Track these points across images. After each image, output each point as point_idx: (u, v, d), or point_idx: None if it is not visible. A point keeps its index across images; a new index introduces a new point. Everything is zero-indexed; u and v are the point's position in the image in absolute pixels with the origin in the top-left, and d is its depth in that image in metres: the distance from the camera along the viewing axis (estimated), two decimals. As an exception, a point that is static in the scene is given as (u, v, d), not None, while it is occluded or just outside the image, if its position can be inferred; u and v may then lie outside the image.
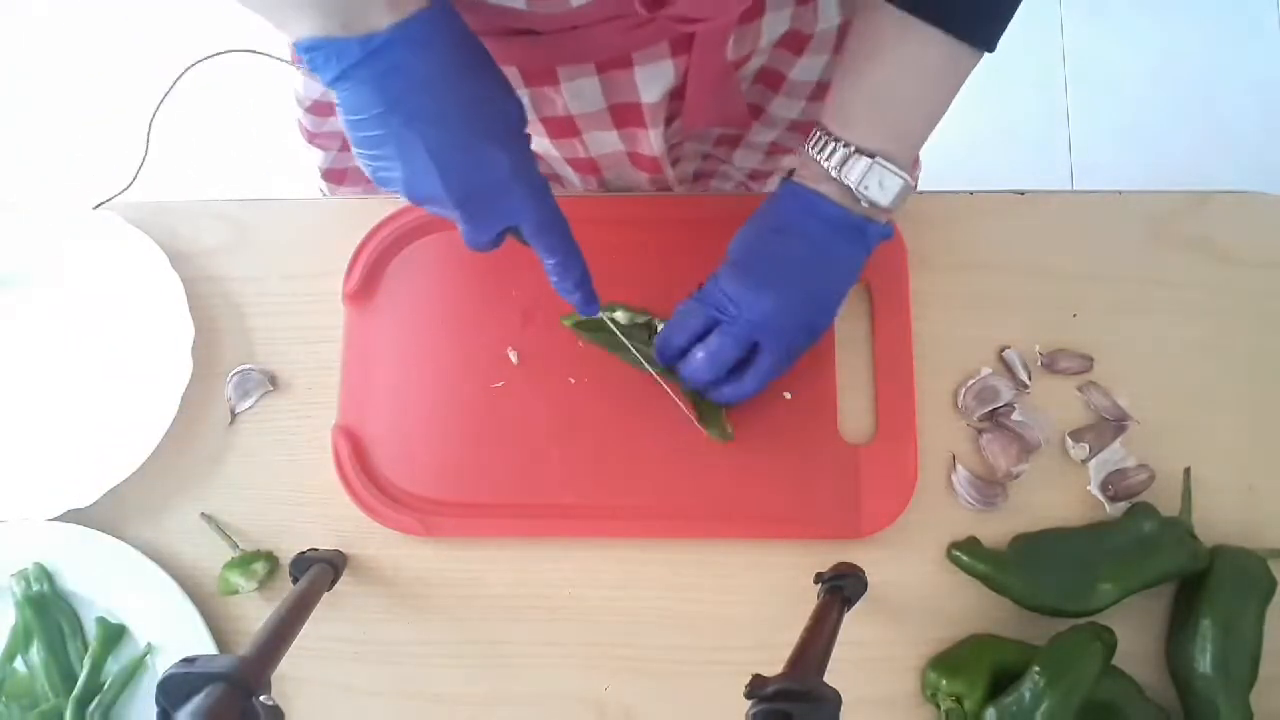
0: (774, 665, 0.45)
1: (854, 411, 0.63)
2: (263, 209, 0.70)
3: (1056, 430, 0.63)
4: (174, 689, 0.43)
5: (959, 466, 0.63)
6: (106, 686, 0.60)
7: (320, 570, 0.58)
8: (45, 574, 0.61)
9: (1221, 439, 0.63)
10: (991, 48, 0.53)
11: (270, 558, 0.62)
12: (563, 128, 0.64)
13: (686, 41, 0.57)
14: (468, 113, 0.47)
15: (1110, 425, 0.63)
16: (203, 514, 0.63)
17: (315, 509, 0.63)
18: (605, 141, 0.66)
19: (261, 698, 0.44)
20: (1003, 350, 0.65)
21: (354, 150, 0.49)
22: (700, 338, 0.59)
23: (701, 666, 0.60)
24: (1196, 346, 0.65)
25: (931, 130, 0.57)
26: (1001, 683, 0.56)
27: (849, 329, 0.65)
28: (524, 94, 0.61)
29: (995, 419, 0.63)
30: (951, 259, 0.66)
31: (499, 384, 0.64)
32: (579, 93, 0.60)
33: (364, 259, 0.66)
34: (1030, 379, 0.64)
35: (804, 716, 0.42)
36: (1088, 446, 0.62)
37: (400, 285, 0.66)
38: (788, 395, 0.63)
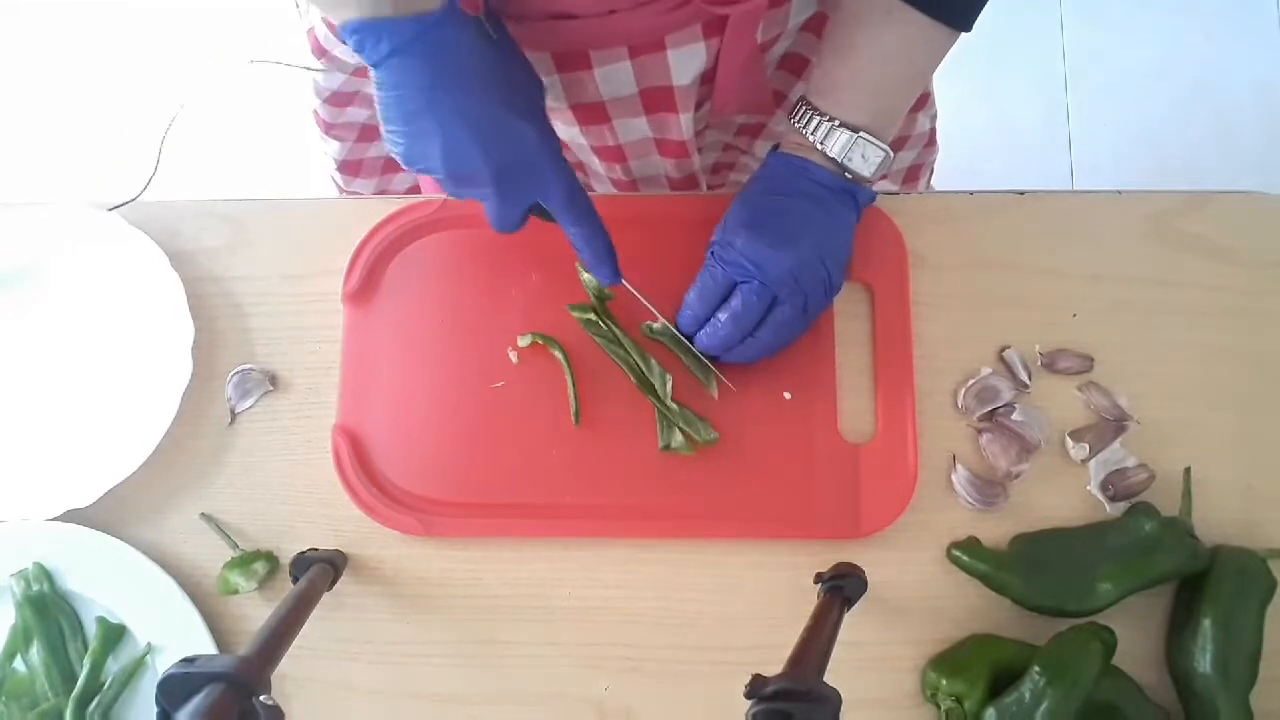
0: (774, 665, 0.45)
1: (854, 411, 0.63)
2: (263, 209, 0.70)
3: (1056, 430, 0.63)
4: (174, 689, 0.43)
5: (959, 466, 0.63)
6: (106, 686, 0.60)
7: (320, 570, 0.58)
8: (45, 574, 0.61)
9: (1221, 439, 0.63)
10: (968, 28, 0.55)
11: (270, 558, 0.62)
12: (593, 114, 0.65)
13: (720, 24, 0.59)
14: (504, 88, 0.51)
15: (1110, 425, 0.63)
16: (203, 514, 0.63)
17: (315, 509, 0.63)
18: (634, 128, 0.67)
19: (261, 698, 0.44)
20: (1003, 350, 0.65)
21: (386, 130, 0.51)
22: (722, 303, 0.60)
23: (701, 666, 0.60)
24: (1196, 346, 0.65)
25: (910, 104, 0.60)
26: (1001, 683, 0.56)
27: (849, 329, 0.65)
28: (555, 80, 0.61)
29: (995, 419, 0.63)
30: (951, 259, 0.66)
31: (499, 384, 0.64)
32: (611, 78, 0.61)
33: (364, 259, 0.66)
34: (1030, 379, 0.64)
35: (804, 716, 0.42)
36: (1088, 446, 0.62)
37: (400, 285, 0.66)
38: (788, 395, 0.63)
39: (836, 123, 0.57)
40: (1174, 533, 0.59)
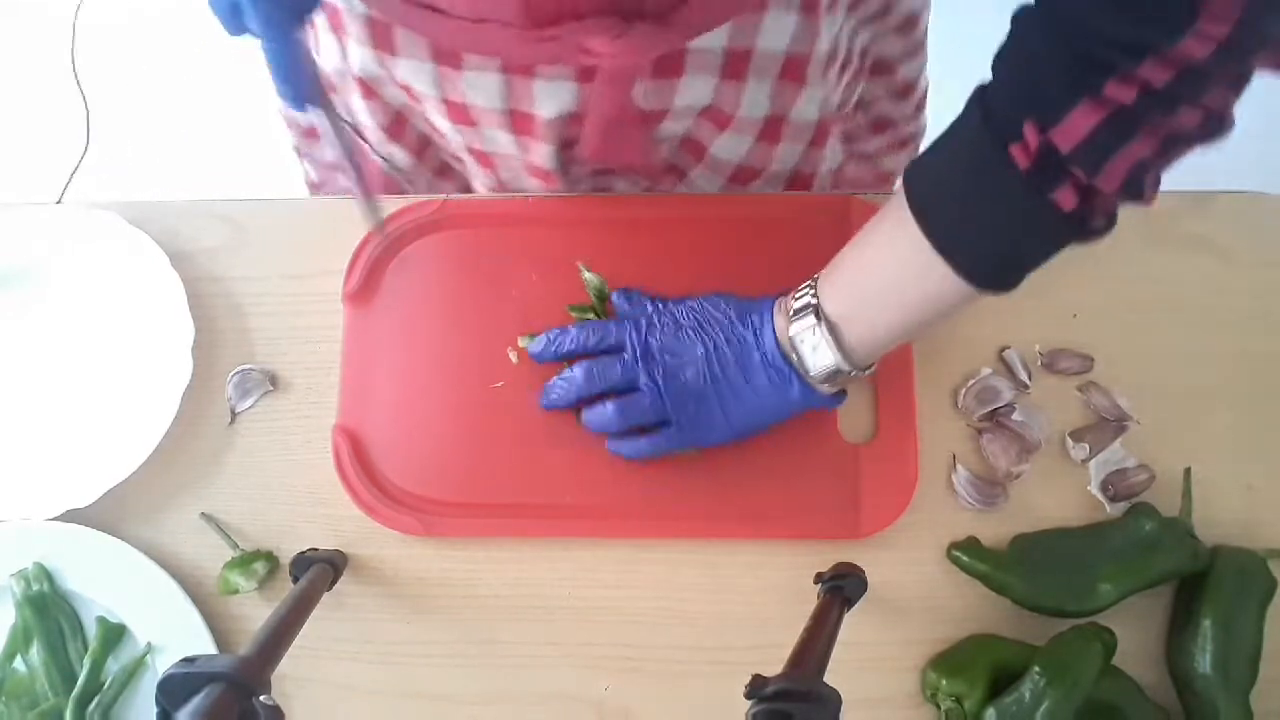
0: (774, 665, 0.45)
1: (854, 411, 0.63)
2: (263, 209, 0.70)
3: (1056, 430, 0.63)
4: (174, 689, 0.43)
5: (959, 466, 0.63)
6: (106, 686, 0.60)
7: (320, 570, 0.58)
8: (45, 574, 0.61)
9: (1221, 439, 0.63)
10: (981, 284, 0.49)
11: (270, 558, 0.62)
12: (460, 114, 0.63)
13: (591, 72, 0.56)
14: None
15: (1110, 425, 0.63)
16: (203, 514, 0.63)
17: (315, 509, 0.63)
18: (500, 141, 0.65)
19: (261, 698, 0.44)
20: (1003, 350, 0.65)
21: None
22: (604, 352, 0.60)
23: (701, 666, 0.60)
24: (1196, 346, 0.65)
25: (900, 332, 0.54)
26: (1001, 683, 0.56)
27: (849, 329, 0.65)
28: (429, 68, 0.60)
29: (995, 419, 0.63)
30: (951, 259, 0.66)
31: (499, 384, 0.64)
32: (479, 85, 0.59)
33: (364, 259, 0.66)
34: (1030, 379, 0.64)
35: (804, 716, 0.42)
36: (1088, 446, 0.62)
37: (400, 285, 0.66)
38: (788, 395, 0.63)
39: (814, 304, 0.54)
40: (1174, 533, 0.59)
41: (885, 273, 0.52)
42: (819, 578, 0.57)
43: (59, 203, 0.70)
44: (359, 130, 0.73)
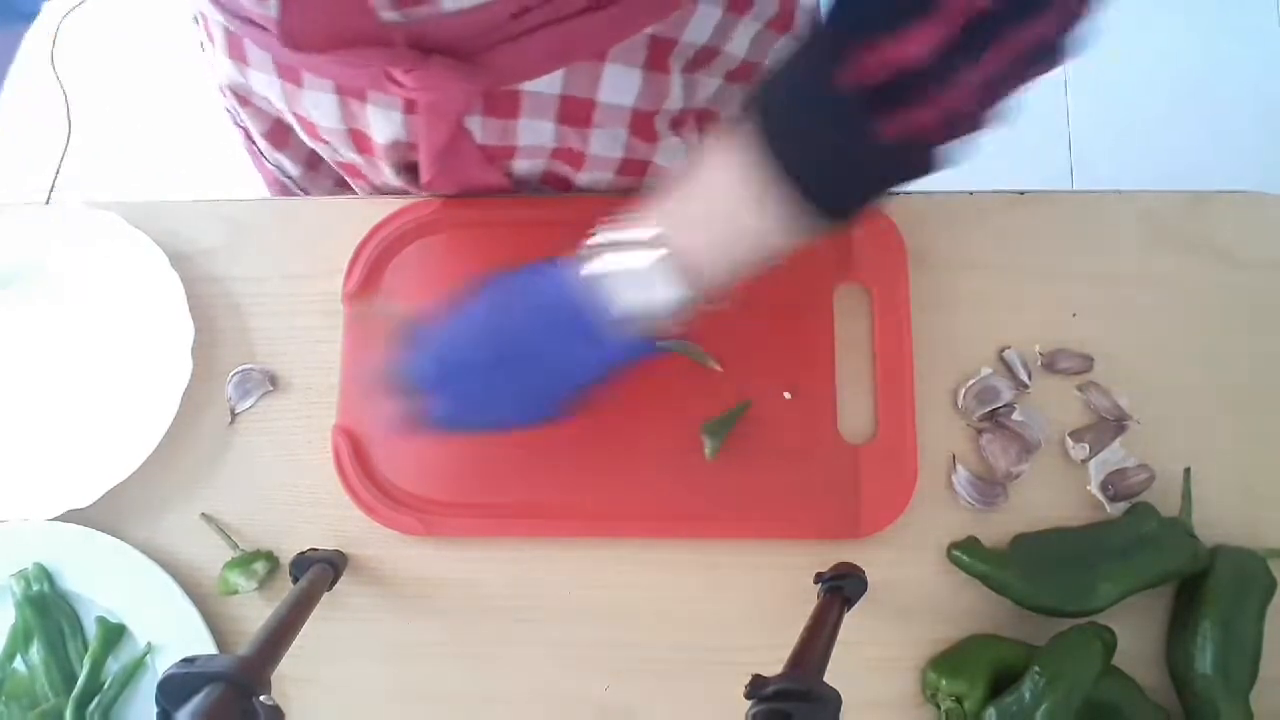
0: (774, 665, 0.45)
1: (854, 411, 0.63)
2: (263, 209, 0.70)
3: (1056, 430, 0.63)
4: (174, 689, 0.43)
5: (959, 466, 0.63)
6: (106, 686, 0.60)
7: (320, 570, 0.58)
8: (45, 574, 0.61)
9: (1221, 439, 0.63)
10: (834, 213, 0.45)
11: (270, 558, 0.62)
12: (311, 131, 0.62)
13: (414, 102, 0.55)
14: None
15: (1110, 425, 0.63)
16: (203, 514, 0.63)
17: (315, 509, 0.63)
18: (355, 158, 0.65)
19: (261, 698, 0.44)
20: (1003, 350, 0.65)
21: None
22: None
23: (701, 666, 0.60)
24: (1196, 346, 0.65)
25: (728, 256, 0.48)
26: (1001, 683, 0.56)
27: (849, 329, 0.65)
28: (278, 83, 0.58)
29: (995, 419, 0.63)
30: (951, 259, 0.66)
31: (499, 384, 0.64)
32: (319, 104, 0.58)
33: (364, 259, 0.66)
34: (1030, 379, 0.64)
35: (804, 716, 0.42)
36: (1088, 446, 0.62)
37: (400, 285, 0.66)
38: (787, 395, 0.63)
39: (643, 238, 0.47)
40: (1174, 533, 0.59)
41: (714, 184, 0.47)
42: (819, 578, 0.57)
43: (48, 203, 0.70)
44: (250, 137, 0.73)
